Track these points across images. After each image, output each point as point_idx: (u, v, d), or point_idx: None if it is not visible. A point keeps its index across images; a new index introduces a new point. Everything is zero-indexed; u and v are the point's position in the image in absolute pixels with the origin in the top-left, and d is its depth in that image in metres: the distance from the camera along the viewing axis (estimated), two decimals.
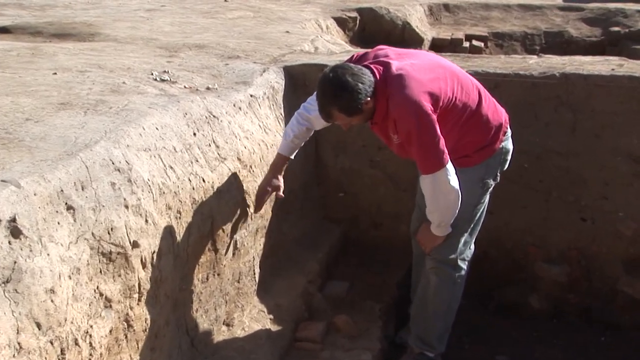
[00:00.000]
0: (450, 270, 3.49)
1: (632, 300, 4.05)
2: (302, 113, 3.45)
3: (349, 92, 2.95)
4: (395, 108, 3.01)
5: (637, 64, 4.10)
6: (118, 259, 2.41)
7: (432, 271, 3.51)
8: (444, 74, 3.15)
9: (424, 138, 3.01)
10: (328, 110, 3.06)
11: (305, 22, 6.32)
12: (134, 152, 2.69)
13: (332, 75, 2.98)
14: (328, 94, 3.01)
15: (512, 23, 8.00)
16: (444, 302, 3.56)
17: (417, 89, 2.99)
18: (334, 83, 2.97)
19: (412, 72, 3.03)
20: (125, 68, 3.88)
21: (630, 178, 3.93)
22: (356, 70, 2.99)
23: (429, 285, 3.56)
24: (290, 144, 3.47)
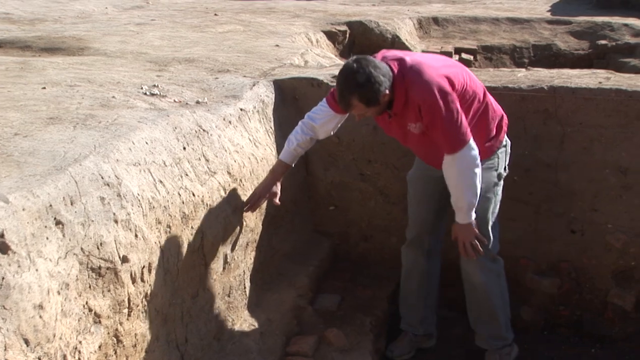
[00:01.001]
0: (491, 264, 3.65)
1: (622, 312, 4.06)
2: (307, 122, 3.55)
3: (372, 82, 3.09)
4: (418, 93, 3.17)
5: (624, 77, 4.13)
6: (107, 274, 2.40)
7: (477, 272, 3.64)
8: (453, 64, 3.40)
9: (449, 115, 3.17)
10: (348, 99, 3.17)
11: (295, 35, 6.34)
12: (124, 166, 2.68)
13: (356, 65, 3.11)
14: (350, 83, 3.12)
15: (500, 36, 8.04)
16: (497, 296, 3.72)
17: (434, 72, 3.19)
18: (357, 73, 3.09)
19: (425, 61, 3.24)
20: (115, 82, 3.88)
21: (619, 190, 3.95)
22: (378, 63, 3.14)
23: (476, 287, 3.70)
24: (293, 152, 3.55)
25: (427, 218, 3.77)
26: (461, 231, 3.48)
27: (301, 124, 3.56)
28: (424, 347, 4.03)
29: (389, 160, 4.23)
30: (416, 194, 3.77)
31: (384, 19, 7.52)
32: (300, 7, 8.50)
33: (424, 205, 3.75)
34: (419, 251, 3.85)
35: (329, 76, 4.31)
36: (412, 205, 3.83)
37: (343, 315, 3.94)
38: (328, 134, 3.61)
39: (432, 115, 3.17)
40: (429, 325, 4.01)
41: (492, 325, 3.78)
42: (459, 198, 3.38)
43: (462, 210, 3.40)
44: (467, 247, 3.49)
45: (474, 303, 3.79)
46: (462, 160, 3.26)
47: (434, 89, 3.14)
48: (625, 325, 4.06)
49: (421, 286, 3.91)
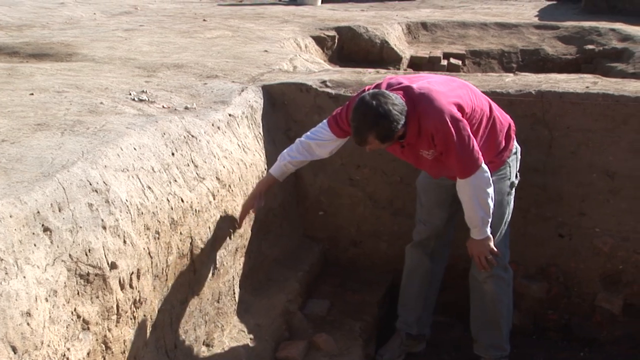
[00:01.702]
0: (503, 273, 3.71)
1: (610, 316, 4.09)
2: (305, 142, 3.53)
3: (390, 120, 3.09)
4: (430, 122, 3.18)
5: (611, 82, 4.17)
6: (96, 280, 2.39)
7: (488, 281, 3.69)
8: (457, 86, 3.38)
9: (461, 142, 3.19)
10: (365, 136, 3.16)
11: (283, 41, 6.35)
12: (112, 172, 2.68)
13: (374, 103, 3.08)
14: (368, 121, 3.10)
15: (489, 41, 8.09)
16: (504, 305, 3.78)
17: (444, 100, 3.20)
18: (375, 110, 3.07)
19: (433, 88, 3.24)
20: (103, 88, 3.87)
21: (607, 194, 3.98)
22: (394, 99, 3.12)
23: (485, 296, 3.74)
24: (283, 168, 3.56)
25: (438, 223, 3.81)
26: (477, 247, 3.54)
27: (298, 144, 3.55)
28: (413, 351, 4.04)
29: (378, 165, 4.24)
30: (428, 200, 3.80)
31: (373, 24, 7.55)
32: (289, 13, 8.52)
33: (436, 211, 3.79)
34: (424, 253, 3.89)
35: (317, 81, 4.33)
36: (423, 211, 3.85)
37: (333, 321, 3.95)
38: (325, 156, 3.61)
39: (445, 143, 3.20)
40: (423, 326, 4.03)
41: (495, 334, 3.82)
42: (472, 217, 3.44)
43: (476, 227, 3.46)
44: (482, 261, 3.56)
45: (479, 311, 3.82)
46: (475, 182, 3.31)
47: (446, 117, 3.16)
48: (613, 328, 4.09)
49: (423, 286, 3.94)
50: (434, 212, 3.79)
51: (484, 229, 3.46)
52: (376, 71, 4.82)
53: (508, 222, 3.66)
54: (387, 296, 4.32)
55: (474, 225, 3.46)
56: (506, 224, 3.66)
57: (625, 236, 3.99)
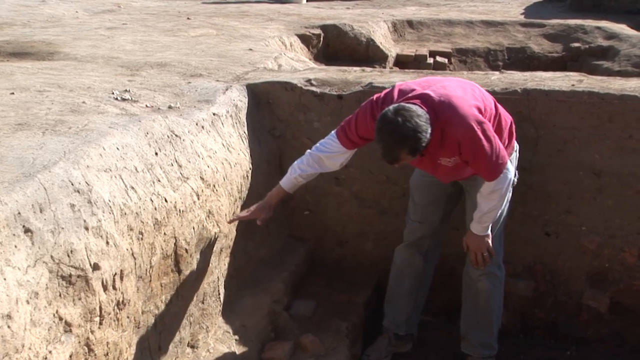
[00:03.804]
0: (497, 271, 3.76)
1: (597, 314, 4.12)
2: (315, 155, 3.52)
3: (419, 132, 3.05)
4: (458, 131, 3.16)
5: (596, 80, 4.20)
6: (78, 282, 2.38)
7: (483, 278, 3.73)
8: (468, 87, 3.38)
9: (488, 145, 3.20)
10: (396, 155, 3.13)
11: (268, 39, 6.34)
12: (94, 172, 2.67)
13: (400, 119, 3.04)
14: (398, 139, 3.07)
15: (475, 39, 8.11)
16: (496, 303, 3.82)
17: (466, 105, 3.20)
18: (403, 127, 3.04)
19: (452, 93, 3.22)
20: (86, 87, 3.85)
21: (593, 192, 4.01)
22: (418, 111, 3.09)
23: (479, 293, 3.77)
24: (294, 181, 3.55)
25: (434, 222, 3.84)
26: (475, 242, 3.58)
27: (308, 156, 3.53)
28: (400, 351, 4.05)
29: (364, 164, 4.25)
30: (422, 198, 3.81)
31: (359, 22, 7.55)
32: (274, 11, 8.50)
33: (431, 209, 3.81)
34: (417, 252, 3.91)
35: (302, 80, 4.33)
36: (416, 210, 3.86)
37: (319, 321, 3.95)
38: (336, 168, 3.60)
39: (473, 149, 3.19)
40: (411, 326, 4.05)
41: (486, 332, 3.84)
42: (487, 215, 3.48)
43: (484, 223, 3.51)
44: (479, 257, 3.59)
45: (471, 309, 3.84)
46: (501, 183, 3.34)
47: (472, 123, 3.16)
48: (599, 326, 4.12)
49: (413, 286, 3.96)
50: (429, 210, 3.80)
51: (489, 227, 3.52)
52: (362, 69, 4.83)
53: (504, 220, 3.69)
54: (373, 296, 4.33)
55: (482, 222, 3.50)
56: (503, 222, 3.69)
57: (612, 234, 4.02)
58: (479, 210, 3.49)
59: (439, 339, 4.18)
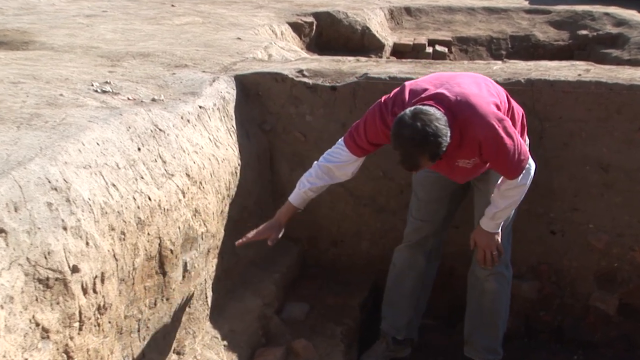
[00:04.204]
0: (505, 271, 3.79)
1: (605, 316, 4.14)
2: (324, 166, 3.51)
3: (440, 137, 3.05)
4: (478, 131, 3.17)
5: (604, 69, 4.21)
6: (56, 285, 2.38)
7: (490, 278, 3.75)
8: (482, 83, 3.39)
9: (510, 143, 3.21)
10: (417, 161, 3.14)
11: (258, 27, 6.33)
12: (73, 169, 2.66)
13: (419, 124, 3.03)
14: (418, 145, 3.07)
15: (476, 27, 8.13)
16: (503, 305, 3.85)
17: (484, 102, 3.20)
18: (423, 133, 3.03)
19: (468, 92, 3.22)
20: (63, 79, 3.85)
21: (600, 188, 4.02)
22: (435, 113, 3.08)
23: (485, 294, 3.79)
24: (303, 195, 3.54)
25: (437, 220, 3.86)
26: (485, 239, 3.61)
27: (317, 168, 3.52)
28: (399, 356, 4.06)
29: None
30: (427, 195, 3.82)
31: (353, 9, 7.55)
32: None
33: (435, 207, 3.83)
34: (420, 252, 3.92)
35: (294, 71, 4.33)
36: (420, 208, 3.87)
37: (312, 325, 3.96)
38: (347, 177, 3.59)
39: (496, 148, 3.21)
40: (412, 329, 4.06)
41: (491, 336, 3.87)
42: (503, 211, 3.51)
43: (497, 220, 3.54)
44: (488, 256, 3.62)
45: (477, 310, 3.86)
46: (524, 179, 3.39)
47: (493, 122, 3.17)
48: (607, 329, 4.14)
49: (415, 288, 3.97)
50: (433, 208, 3.82)
51: (501, 225, 3.56)
52: (356, 59, 4.83)
53: (514, 218, 3.72)
54: (370, 298, 4.34)
55: (496, 219, 3.53)
56: (512, 220, 3.72)
57: (620, 232, 4.04)
58: (495, 207, 3.50)
59: (439, 343, 4.19)
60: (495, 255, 3.64)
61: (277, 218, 3.58)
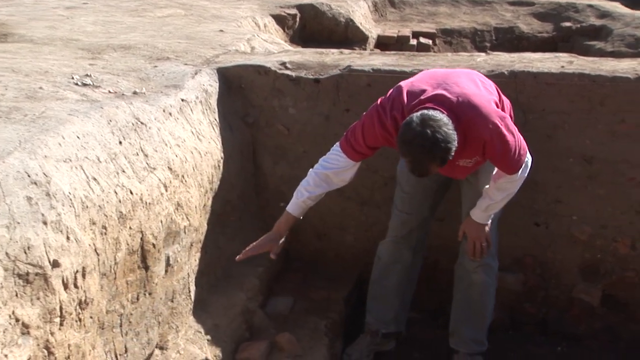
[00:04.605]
0: (492, 262, 3.81)
1: (589, 308, 4.17)
2: (321, 172, 3.49)
3: (449, 143, 3.06)
4: (483, 131, 3.19)
5: (587, 61, 4.23)
6: (36, 280, 2.36)
7: (479, 270, 3.77)
8: (477, 79, 3.43)
9: (512, 140, 3.25)
10: (427, 168, 3.14)
11: (241, 20, 6.32)
12: (53, 163, 2.65)
13: (429, 131, 3.03)
14: (428, 151, 3.06)
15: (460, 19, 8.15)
16: (490, 297, 3.87)
17: (485, 101, 3.24)
18: (433, 139, 3.03)
19: (468, 92, 3.24)
20: (43, 72, 3.82)
21: (584, 180, 4.04)
22: (442, 118, 3.08)
23: (473, 286, 3.81)
24: (302, 205, 3.52)
25: (423, 213, 3.87)
26: (476, 230, 3.63)
27: (314, 175, 3.49)
28: (383, 350, 4.07)
29: None
30: (412, 188, 3.82)
31: (337, 2, 7.55)
32: None
33: (421, 200, 3.84)
34: (405, 245, 3.93)
35: (277, 63, 4.32)
36: (406, 201, 3.87)
37: (296, 319, 3.97)
38: (345, 183, 3.58)
39: (500, 147, 3.23)
40: (400, 323, 4.08)
41: (478, 327, 3.89)
42: (498, 203, 3.56)
43: (490, 212, 3.58)
44: (477, 248, 3.64)
45: (464, 302, 3.88)
46: (523, 172, 3.43)
47: (496, 121, 3.19)
48: (591, 321, 4.17)
49: (401, 282, 3.98)
50: (419, 201, 3.83)
51: (491, 216, 3.60)
52: (340, 52, 4.83)
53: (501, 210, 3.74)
54: (354, 292, 4.35)
55: (489, 210, 3.57)
56: (501, 211, 3.74)
57: (604, 224, 4.07)
58: (490, 199, 3.54)
59: (423, 336, 4.21)
60: (485, 246, 3.66)
61: (276, 229, 3.57)
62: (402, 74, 4.06)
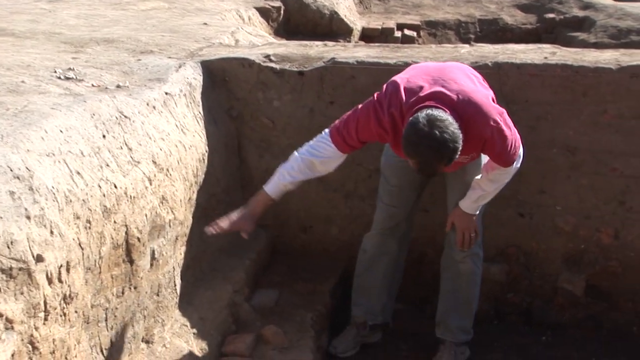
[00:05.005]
0: (479, 251, 3.85)
1: (572, 298, 4.20)
2: (307, 159, 3.43)
3: (456, 143, 3.07)
4: (485, 129, 3.21)
5: (570, 52, 4.25)
6: (20, 275, 2.36)
7: (467, 259, 3.80)
8: (470, 74, 3.45)
9: (511, 133, 3.30)
10: (436, 168, 3.16)
11: (225, 12, 6.30)
12: (36, 157, 2.64)
13: (437, 131, 3.03)
14: (436, 152, 3.07)
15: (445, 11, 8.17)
16: (476, 284, 3.90)
17: (484, 97, 3.28)
18: (441, 139, 3.04)
19: (466, 89, 3.25)
20: (25, 65, 3.80)
21: (567, 171, 4.07)
22: (448, 117, 3.09)
23: (461, 276, 3.84)
24: (282, 188, 3.46)
25: (409, 205, 3.88)
26: (465, 221, 3.66)
27: (299, 161, 3.42)
28: (369, 341, 4.09)
29: None
30: (398, 180, 3.82)
31: None
32: None
33: (407, 193, 3.84)
34: (392, 238, 3.94)
35: (261, 56, 4.32)
36: (392, 193, 3.87)
37: (282, 312, 3.97)
38: (329, 172, 3.55)
39: (500, 142, 3.27)
40: (387, 314, 4.09)
41: (465, 315, 3.91)
42: (490, 194, 3.60)
43: (480, 203, 3.62)
44: (466, 238, 3.67)
45: (452, 292, 3.90)
46: (517, 162, 3.46)
47: (496, 118, 3.23)
48: (575, 311, 4.21)
49: (388, 274, 3.99)
50: (405, 194, 3.83)
51: (480, 207, 3.63)
52: (324, 44, 4.83)
53: None
54: (340, 284, 4.36)
55: (479, 201, 3.61)
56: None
57: (587, 214, 4.10)
58: (481, 190, 3.57)
59: (409, 327, 4.22)
60: (473, 236, 3.70)
61: (251, 208, 3.48)
62: (386, 66, 4.08)
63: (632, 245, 4.07)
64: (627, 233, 4.07)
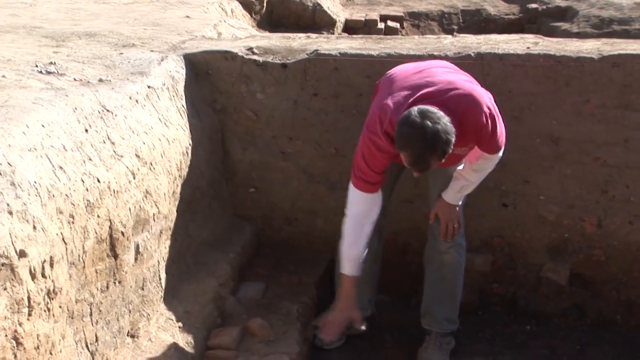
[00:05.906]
0: (462, 240, 3.88)
1: (557, 287, 4.23)
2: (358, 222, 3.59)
3: (449, 134, 3.10)
4: (479, 119, 3.25)
5: (552, 42, 4.27)
6: (3, 270, 2.35)
7: (452, 250, 3.83)
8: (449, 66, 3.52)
9: (499, 122, 3.37)
10: (429, 162, 3.17)
11: (207, 5, 6.28)
12: (17, 152, 2.63)
13: (429, 122, 3.05)
14: (428, 143, 3.08)
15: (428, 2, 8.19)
16: (461, 274, 3.94)
17: (468, 85, 3.32)
18: (433, 131, 3.06)
19: (449, 81, 3.30)
20: (5, 60, 3.77)
21: (551, 160, 4.09)
22: (440, 112, 3.11)
23: (445, 266, 3.86)
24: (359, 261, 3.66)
25: (386, 198, 3.86)
26: (448, 212, 3.70)
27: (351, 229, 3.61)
28: (354, 333, 4.10)
29: (311, 137, 4.26)
30: None
31: None
32: None
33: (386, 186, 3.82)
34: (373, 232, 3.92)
35: (243, 49, 4.31)
36: None
37: (268, 304, 3.98)
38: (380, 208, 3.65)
39: (492, 130, 3.32)
40: (373, 305, 4.13)
41: (451, 306, 3.94)
42: (472, 184, 3.65)
43: (464, 192, 3.66)
44: (450, 229, 3.70)
45: (437, 283, 3.91)
46: (499, 154, 3.53)
47: (488, 103, 3.29)
48: (560, 300, 4.23)
49: (372, 267, 4.00)
50: (385, 186, 3.83)
51: (463, 197, 3.67)
52: (307, 36, 4.82)
53: None
54: (325, 276, 4.37)
55: (463, 190, 3.65)
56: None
57: (571, 203, 4.12)
58: (464, 180, 3.61)
59: (394, 319, 4.24)
60: (457, 227, 3.73)
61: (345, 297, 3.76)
62: (369, 58, 4.08)
63: (615, 234, 4.10)
64: (610, 222, 4.09)
